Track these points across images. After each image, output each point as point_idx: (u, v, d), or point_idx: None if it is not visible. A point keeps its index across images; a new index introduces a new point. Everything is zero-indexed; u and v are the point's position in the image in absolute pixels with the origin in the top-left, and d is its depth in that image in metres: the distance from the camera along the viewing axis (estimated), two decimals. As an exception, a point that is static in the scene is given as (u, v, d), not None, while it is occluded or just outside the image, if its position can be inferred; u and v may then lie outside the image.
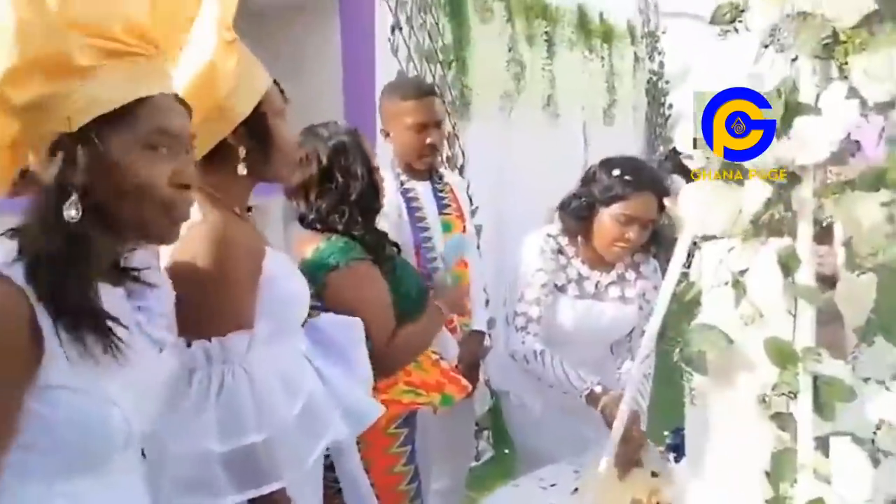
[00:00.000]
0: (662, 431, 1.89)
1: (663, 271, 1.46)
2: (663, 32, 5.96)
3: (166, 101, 0.96)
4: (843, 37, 1.14)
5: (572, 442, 1.90)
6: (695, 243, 1.42)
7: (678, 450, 1.82)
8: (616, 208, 1.87)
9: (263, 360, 1.25)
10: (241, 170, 1.23)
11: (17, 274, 0.87)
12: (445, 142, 2.27)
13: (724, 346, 1.24)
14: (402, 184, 2.11)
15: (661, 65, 6.15)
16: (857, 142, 1.15)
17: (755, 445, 1.23)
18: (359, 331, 1.43)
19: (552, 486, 1.73)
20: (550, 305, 1.94)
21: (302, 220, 1.67)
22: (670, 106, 6.20)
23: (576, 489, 1.65)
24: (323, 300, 1.54)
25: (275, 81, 1.34)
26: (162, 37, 0.99)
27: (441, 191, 2.22)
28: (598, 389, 1.84)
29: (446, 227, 2.16)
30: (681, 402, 1.41)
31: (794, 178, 1.17)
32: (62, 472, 0.93)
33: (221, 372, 1.20)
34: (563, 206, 1.99)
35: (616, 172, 1.88)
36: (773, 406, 1.19)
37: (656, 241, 1.98)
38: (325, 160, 1.61)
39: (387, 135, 2.15)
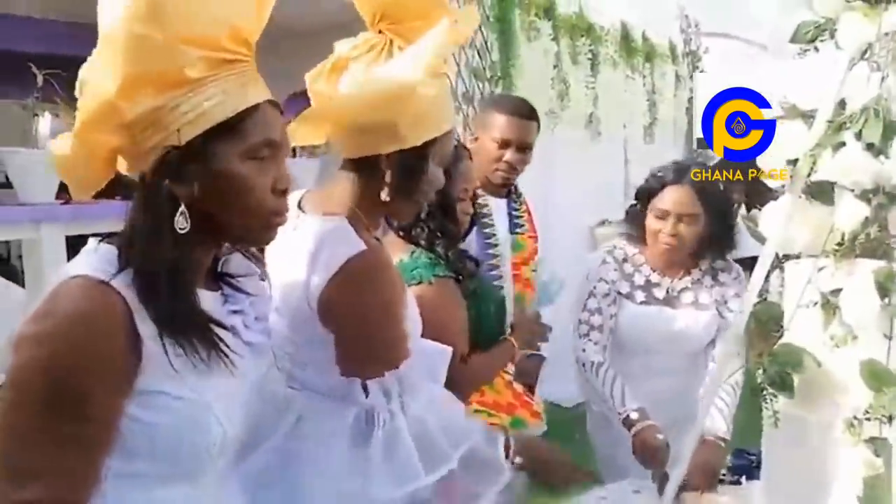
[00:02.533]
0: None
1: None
2: (705, 52, 5.93)
3: (270, 109, 0.95)
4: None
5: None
6: (777, 264, 1.39)
7: (742, 471, 1.79)
8: (654, 203, 1.90)
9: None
10: (385, 196, 1.16)
11: (121, 282, 0.87)
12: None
13: (813, 368, 1.22)
14: (475, 196, 2.11)
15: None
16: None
17: (841, 471, 1.20)
18: (447, 356, 1.36)
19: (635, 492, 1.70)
20: (616, 314, 1.96)
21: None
22: (711, 126, 6.15)
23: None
24: None
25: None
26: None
27: (517, 209, 2.16)
28: (633, 416, 1.81)
29: (518, 247, 2.11)
30: (749, 423, 1.37)
31: (891, 198, 1.14)
32: (161, 479, 0.93)
33: (400, 405, 1.17)
34: (626, 215, 2.06)
35: (657, 173, 1.93)
36: (865, 431, 1.17)
37: (731, 244, 1.93)
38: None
39: (475, 140, 2.10)
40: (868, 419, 1.17)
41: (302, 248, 1.17)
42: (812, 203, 1.29)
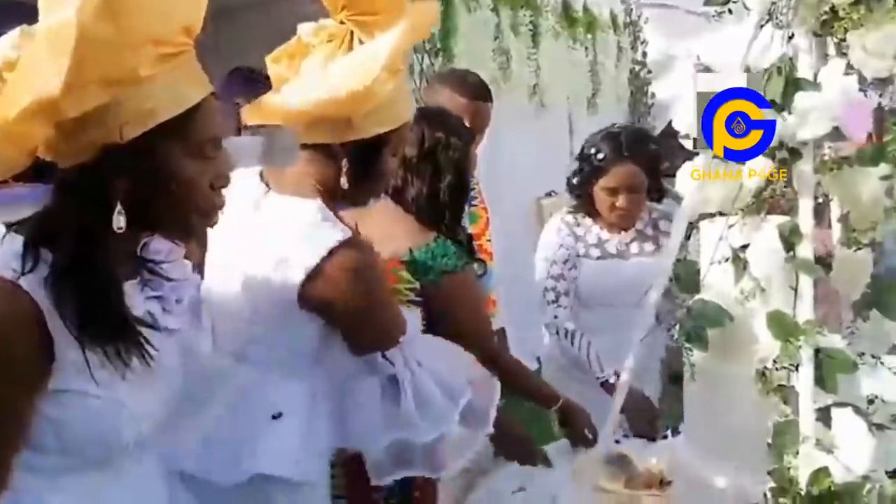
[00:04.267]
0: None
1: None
2: (645, 22, 5.98)
3: (212, 104, 0.92)
4: (841, 13, 1.15)
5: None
6: (692, 224, 1.43)
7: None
8: (602, 182, 2.02)
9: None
10: (343, 182, 1.20)
11: (32, 282, 0.83)
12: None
13: (724, 322, 1.26)
14: None
15: (644, 54, 6.18)
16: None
17: (756, 419, 1.25)
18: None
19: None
20: (579, 274, 2.06)
21: (395, 195, 1.57)
22: (653, 95, 6.23)
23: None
24: (429, 300, 1.49)
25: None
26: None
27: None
28: (612, 380, 1.88)
29: (473, 218, 2.04)
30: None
31: (794, 153, 1.18)
32: (69, 470, 0.91)
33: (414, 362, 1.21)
34: (567, 185, 2.16)
35: (594, 151, 2.03)
36: (774, 380, 1.21)
37: (663, 190, 2.13)
38: (426, 145, 1.53)
39: None
40: (777, 369, 1.21)
41: (275, 229, 1.18)
42: (724, 162, 1.32)
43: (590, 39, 5.36)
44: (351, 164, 1.20)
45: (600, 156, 2.01)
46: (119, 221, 0.85)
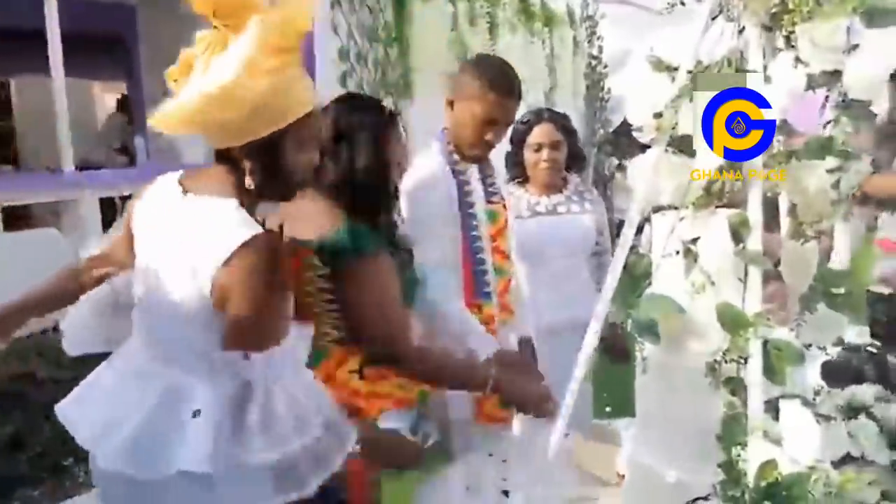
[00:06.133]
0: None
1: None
2: (602, 17, 6.01)
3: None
4: (791, 5, 1.15)
5: None
6: (645, 219, 1.42)
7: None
8: (528, 140, 2.37)
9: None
10: (248, 182, 1.21)
11: None
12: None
13: (675, 314, 1.26)
14: (455, 164, 1.86)
15: (600, 49, 6.22)
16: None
17: (706, 412, 1.25)
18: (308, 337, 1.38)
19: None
20: (520, 233, 2.14)
21: (315, 180, 1.49)
22: (609, 90, 6.28)
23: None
24: (339, 283, 1.45)
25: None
26: None
27: (489, 175, 1.95)
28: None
29: (492, 217, 1.91)
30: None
31: (744, 146, 1.18)
32: None
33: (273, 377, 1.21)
34: (505, 159, 2.41)
35: (520, 119, 2.30)
36: (723, 372, 1.22)
37: (584, 159, 2.56)
38: (340, 127, 1.50)
39: (450, 105, 1.87)
40: (726, 361, 1.22)
41: (191, 229, 1.19)
42: (676, 154, 1.32)
43: (547, 33, 5.38)
44: (253, 164, 1.22)
45: (525, 119, 2.37)
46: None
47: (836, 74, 1.16)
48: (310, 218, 1.47)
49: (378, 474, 1.46)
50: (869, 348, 1.49)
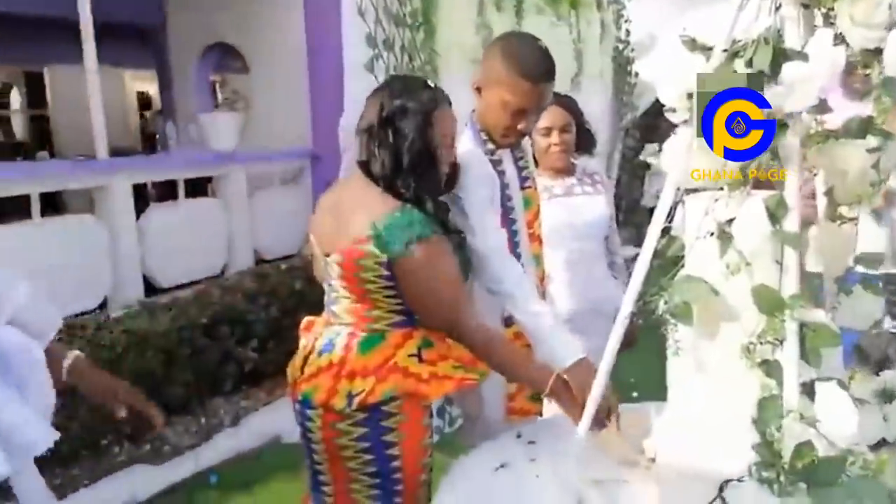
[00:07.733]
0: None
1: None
2: (629, 0, 5.94)
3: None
4: (830, -18, 1.13)
5: None
6: (678, 201, 1.41)
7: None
8: (537, 125, 2.26)
9: None
10: None
11: None
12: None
13: (709, 297, 1.25)
14: (491, 152, 1.79)
15: (628, 33, 6.14)
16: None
17: (740, 394, 1.24)
18: (38, 353, 1.30)
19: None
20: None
21: (364, 166, 1.54)
22: (636, 74, 6.21)
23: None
24: (397, 268, 1.46)
25: None
26: None
27: (521, 158, 1.88)
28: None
29: (526, 203, 1.87)
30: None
31: (780, 125, 1.16)
32: None
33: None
34: None
35: None
36: (758, 354, 1.21)
37: (593, 141, 2.51)
38: (385, 113, 1.50)
39: (478, 91, 1.77)
40: (761, 343, 1.21)
41: None
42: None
43: (573, 16, 5.32)
44: None
45: None
46: None
47: (877, 52, 1.14)
48: (367, 204, 1.48)
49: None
50: (892, 330, 1.47)
